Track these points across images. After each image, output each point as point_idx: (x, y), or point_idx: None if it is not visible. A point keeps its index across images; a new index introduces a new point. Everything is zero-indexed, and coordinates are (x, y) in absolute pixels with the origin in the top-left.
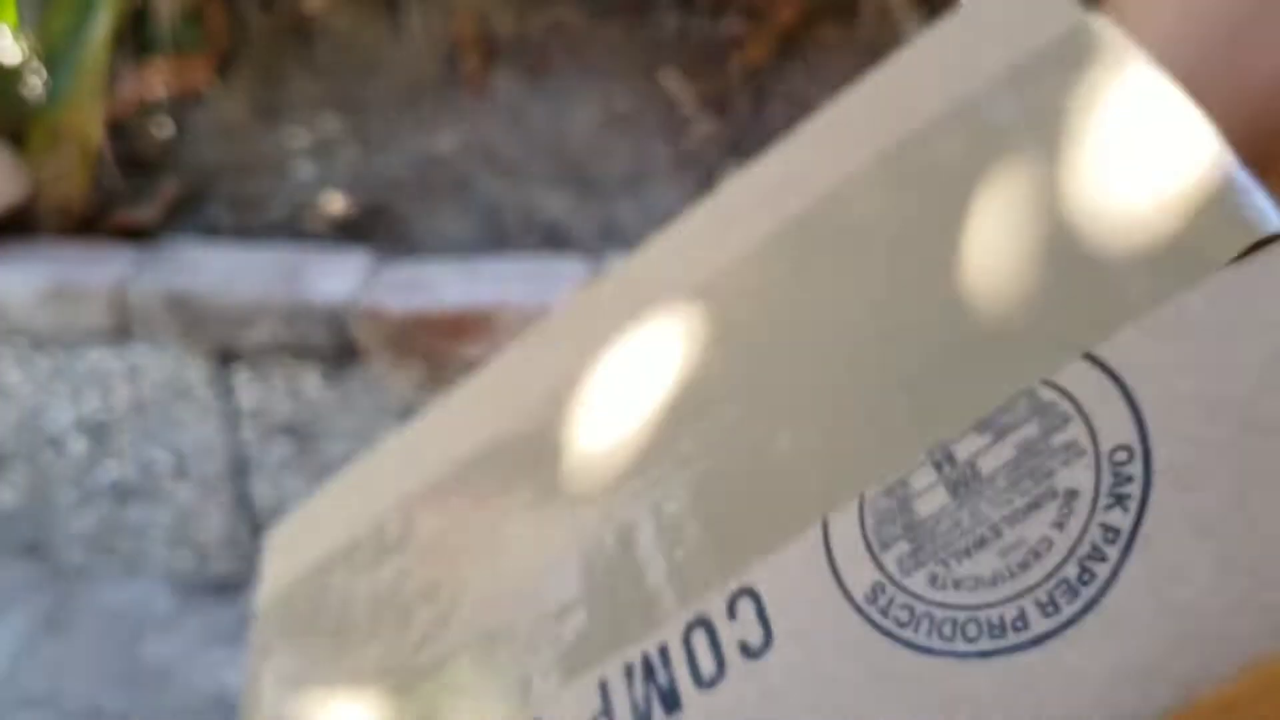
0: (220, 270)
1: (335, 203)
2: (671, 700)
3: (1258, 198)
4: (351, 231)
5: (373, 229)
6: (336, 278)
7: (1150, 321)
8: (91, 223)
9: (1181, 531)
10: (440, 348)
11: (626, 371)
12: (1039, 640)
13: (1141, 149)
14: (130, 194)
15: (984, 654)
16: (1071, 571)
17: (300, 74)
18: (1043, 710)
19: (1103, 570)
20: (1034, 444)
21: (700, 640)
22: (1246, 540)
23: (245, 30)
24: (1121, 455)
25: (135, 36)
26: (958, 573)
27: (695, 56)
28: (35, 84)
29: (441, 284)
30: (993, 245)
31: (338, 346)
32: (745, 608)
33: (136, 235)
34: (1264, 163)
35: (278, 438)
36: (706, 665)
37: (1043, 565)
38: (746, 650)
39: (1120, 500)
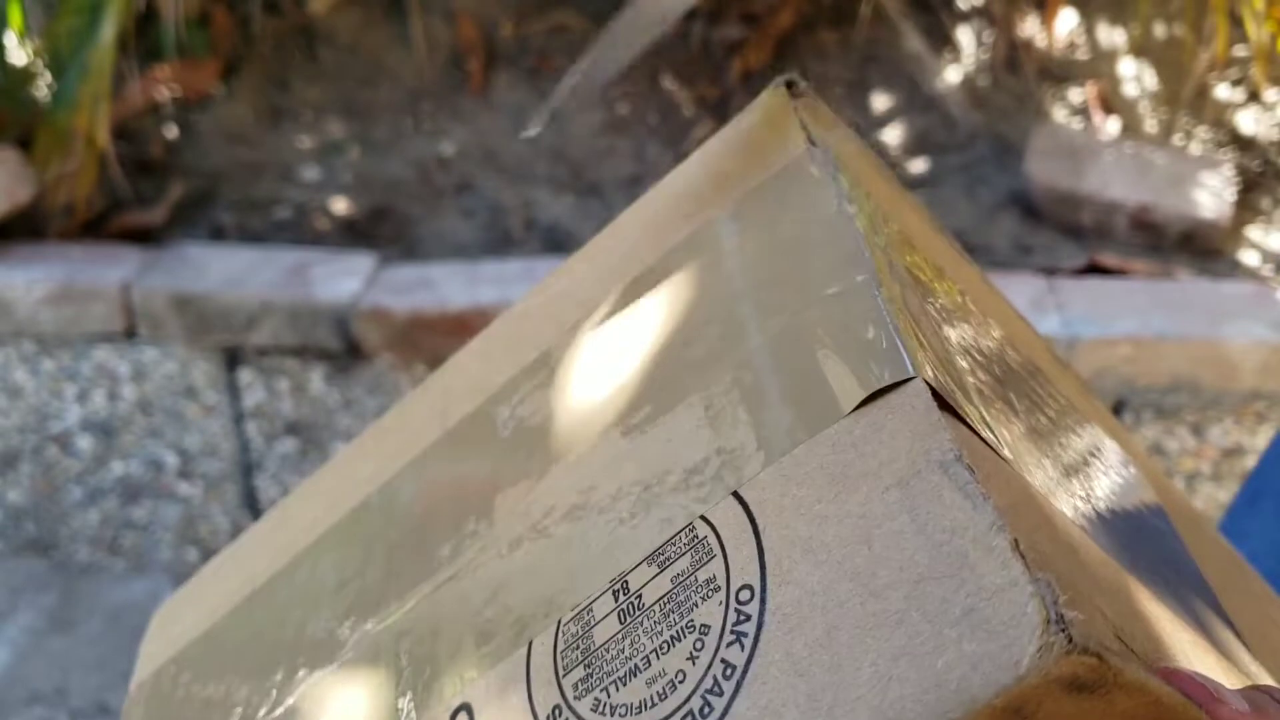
0: (226, 271)
1: (339, 205)
2: None
3: (893, 345)
4: (355, 233)
5: (376, 231)
6: (341, 279)
7: (785, 464)
8: (98, 224)
9: (783, 671)
10: (443, 348)
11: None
12: None
13: (815, 284)
14: (136, 196)
15: None
16: (696, 704)
17: (305, 78)
18: None
19: (719, 704)
20: (684, 577)
21: None
22: (828, 681)
23: (251, 34)
24: (745, 594)
25: (141, 40)
26: (615, 699)
27: (694, 60)
28: (42, 87)
29: (444, 285)
30: (689, 374)
31: (342, 347)
32: None
33: (142, 237)
34: None
35: (282, 437)
36: None
37: (677, 696)
38: None
39: (739, 638)
